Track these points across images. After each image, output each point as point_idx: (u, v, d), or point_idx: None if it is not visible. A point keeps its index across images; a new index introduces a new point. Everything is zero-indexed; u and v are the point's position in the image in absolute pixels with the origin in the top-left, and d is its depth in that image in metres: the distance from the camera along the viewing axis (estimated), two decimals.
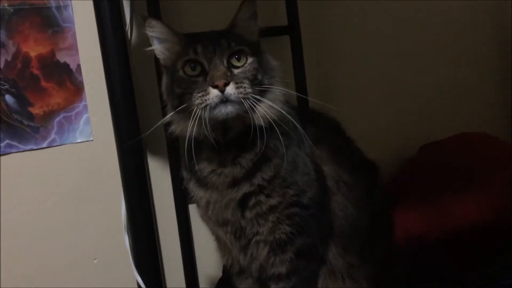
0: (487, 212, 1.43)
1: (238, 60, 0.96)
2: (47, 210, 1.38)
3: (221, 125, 0.98)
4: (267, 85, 0.98)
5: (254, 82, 0.96)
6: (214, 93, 0.91)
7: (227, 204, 1.02)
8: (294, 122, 1.00)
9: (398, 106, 1.80)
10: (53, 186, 1.39)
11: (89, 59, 1.39)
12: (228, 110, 0.92)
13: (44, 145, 1.37)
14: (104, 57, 1.28)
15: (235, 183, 1.01)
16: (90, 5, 1.22)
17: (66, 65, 1.38)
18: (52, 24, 1.37)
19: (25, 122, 1.35)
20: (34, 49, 1.36)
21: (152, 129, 1.08)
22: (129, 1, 1.42)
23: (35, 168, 1.37)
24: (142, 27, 1.04)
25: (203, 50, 0.95)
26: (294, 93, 1.21)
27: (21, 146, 1.35)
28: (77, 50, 1.39)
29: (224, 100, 0.91)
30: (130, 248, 1.35)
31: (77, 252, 1.41)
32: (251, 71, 0.96)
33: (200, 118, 0.92)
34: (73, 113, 1.39)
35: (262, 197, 1.00)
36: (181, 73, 0.97)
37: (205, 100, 0.92)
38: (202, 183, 1.05)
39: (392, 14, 1.77)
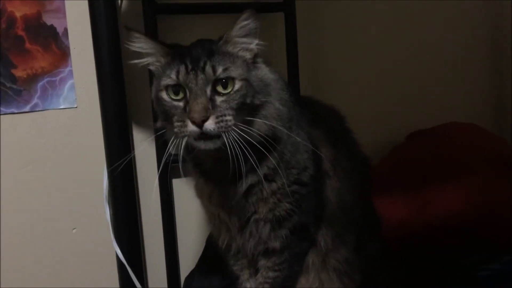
0: (469, 204, 1.43)
1: (225, 87, 0.90)
2: (26, 176, 1.35)
3: None
4: (258, 104, 0.93)
5: (242, 107, 0.91)
6: (191, 127, 0.87)
7: (232, 195, 1.00)
8: (292, 103, 0.99)
9: (388, 93, 1.79)
10: (33, 152, 1.35)
11: (76, 23, 1.34)
12: (206, 146, 0.89)
13: (26, 109, 1.33)
14: (93, 22, 1.25)
15: (240, 176, 0.97)
16: None
17: (52, 28, 1.34)
18: None
19: (8, 84, 1.31)
20: (19, 9, 1.31)
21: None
22: None
23: (15, 132, 1.33)
24: (125, 40, 0.97)
25: (186, 76, 0.89)
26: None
27: (2, 109, 1.31)
28: (64, 13, 1.34)
29: (203, 136, 0.88)
30: (111, 219, 1.33)
31: (56, 221, 1.38)
32: (237, 99, 0.90)
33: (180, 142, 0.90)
34: (58, 78, 1.35)
35: (265, 184, 0.98)
36: (164, 94, 0.92)
37: (183, 131, 0.89)
38: (202, 172, 1.03)
39: (387, 3, 1.75)
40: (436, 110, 1.86)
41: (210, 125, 0.87)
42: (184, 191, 1.45)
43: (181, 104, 0.91)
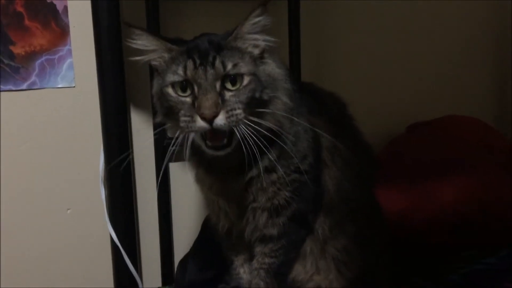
0: (467, 199, 1.43)
1: (233, 83, 0.89)
2: (21, 155, 1.34)
3: None
4: (267, 99, 0.92)
5: (251, 101, 0.89)
6: (201, 123, 0.86)
7: (233, 185, 1.00)
8: (292, 91, 0.98)
9: (389, 83, 1.78)
10: (29, 131, 1.34)
11: (77, 1, 1.32)
12: (216, 153, 0.90)
13: (24, 87, 1.32)
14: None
15: (241, 169, 0.96)
16: None
17: (52, 5, 1.32)
18: None
19: (5, 61, 1.30)
20: None
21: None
22: None
23: (12, 110, 1.32)
24: (126, 38, 0.94)
25: (194, 71, 0.88)
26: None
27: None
28: None
29: (214, 144, 0.88)
30: (106, 200, 1.32)
31: (50, 201, 1.38)
32: (246, 93, 0.89)
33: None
34: (56, 56, 1.34)
35: (265, 175, 0.97)
36: (170, 90, 0.91)
37: (191, 127, 0.87)
38: (201, 161, 1.02)
39: None
40: (437, 102, 1.85)
41: (220, 120, 0.86)
42: (181, 174, 1.44)
43: (188, 99, 0.89)
